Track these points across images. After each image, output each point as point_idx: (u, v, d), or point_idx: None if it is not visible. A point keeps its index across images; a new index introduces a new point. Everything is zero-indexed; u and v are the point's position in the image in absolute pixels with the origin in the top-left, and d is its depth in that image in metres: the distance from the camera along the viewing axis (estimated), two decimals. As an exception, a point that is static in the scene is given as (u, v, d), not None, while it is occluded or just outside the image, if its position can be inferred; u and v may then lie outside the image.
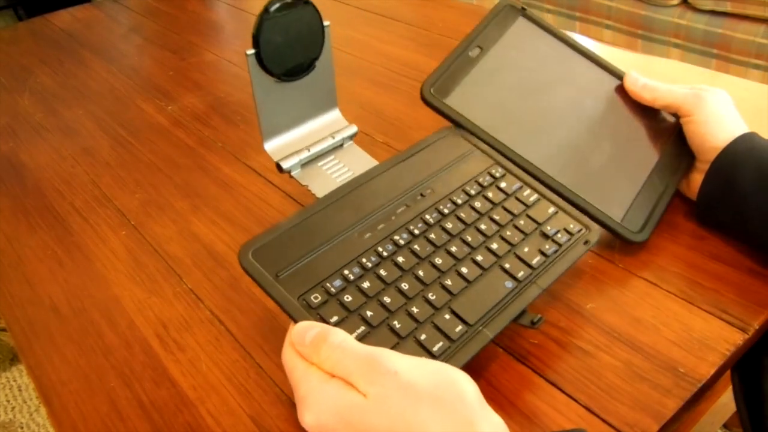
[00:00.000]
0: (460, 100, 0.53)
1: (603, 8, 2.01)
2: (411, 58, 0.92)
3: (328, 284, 0.41)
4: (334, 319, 0.39)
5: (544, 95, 0.56)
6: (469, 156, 0.51)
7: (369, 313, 0.40)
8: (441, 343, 0.39)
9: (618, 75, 0.59)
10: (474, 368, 0.43)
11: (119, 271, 0.56)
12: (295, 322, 0.39)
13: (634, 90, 0.56)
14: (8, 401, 1.32)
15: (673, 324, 0.45)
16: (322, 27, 0.49)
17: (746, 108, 0.59)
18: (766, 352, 0.49)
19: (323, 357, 0.35)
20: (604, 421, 0.39)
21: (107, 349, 0.49)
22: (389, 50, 0.95)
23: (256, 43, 0.46)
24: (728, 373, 0.48)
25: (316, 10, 0.48)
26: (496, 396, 0.42)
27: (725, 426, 0.72)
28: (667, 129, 0.57)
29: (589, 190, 0.51)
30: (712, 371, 0.42)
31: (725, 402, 0.49)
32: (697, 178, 0.53)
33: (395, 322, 0.40)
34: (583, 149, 0.54)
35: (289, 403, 0.43)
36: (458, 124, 0.52)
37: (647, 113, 0.57)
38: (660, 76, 0.59)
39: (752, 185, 0.48)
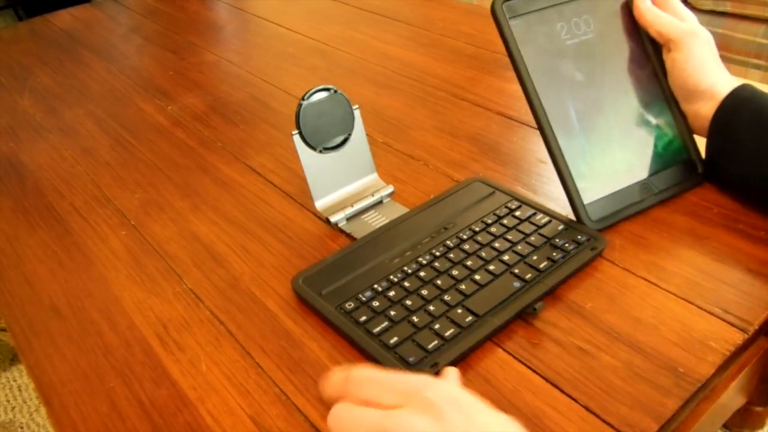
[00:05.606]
0: (521, 28, 0.52)
1: (603, 8, 2.00)
2: (411, 58, 0.92)
3: (360, 295, 0.48)
4: (363, 318, 0.46)
5: (602, 81, 0.55)
6: (490, 197, 0.57)
7: (392, 313, 0.46)
8: (452, 330, 0.44)
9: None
10: (474, 368, 0.43)
11: (119, 271, 0.57)
12: (335, 328, 0.46)
13: (640, 7, 0.57)
14: (8, 401, 1.32)
15: (673, 324, 0.45)
16: (352, 110, 0.58)
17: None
18: None
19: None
20: (604, 421, 0.39)
21: (107, 349, 0.49)
22: (389, 50, 0.95)
23: (297, 125, 0.55)
24: (728, 372, 0.47)
25: (345, 97, 0.57)
26: (496, 396, 0.42)
27: (725, 426, 0.72)
28: (678, 162, 0.58)
29: (578, 166, 0.53)
30: (712, 371, 0.42)
31: (725, 402, 0.49)
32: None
33: (414, 317, 0.46)
34: (600, 140, 0.55)
35: (288, 403, 0.43)
36: (509, 49, 0.52)
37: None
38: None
39: (749, 132, 0.51)
